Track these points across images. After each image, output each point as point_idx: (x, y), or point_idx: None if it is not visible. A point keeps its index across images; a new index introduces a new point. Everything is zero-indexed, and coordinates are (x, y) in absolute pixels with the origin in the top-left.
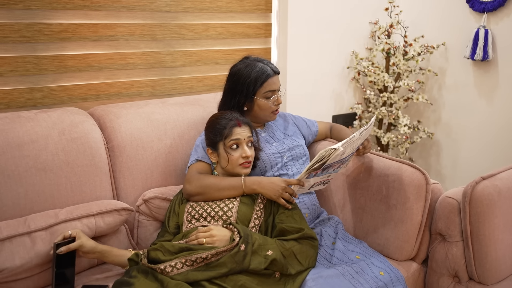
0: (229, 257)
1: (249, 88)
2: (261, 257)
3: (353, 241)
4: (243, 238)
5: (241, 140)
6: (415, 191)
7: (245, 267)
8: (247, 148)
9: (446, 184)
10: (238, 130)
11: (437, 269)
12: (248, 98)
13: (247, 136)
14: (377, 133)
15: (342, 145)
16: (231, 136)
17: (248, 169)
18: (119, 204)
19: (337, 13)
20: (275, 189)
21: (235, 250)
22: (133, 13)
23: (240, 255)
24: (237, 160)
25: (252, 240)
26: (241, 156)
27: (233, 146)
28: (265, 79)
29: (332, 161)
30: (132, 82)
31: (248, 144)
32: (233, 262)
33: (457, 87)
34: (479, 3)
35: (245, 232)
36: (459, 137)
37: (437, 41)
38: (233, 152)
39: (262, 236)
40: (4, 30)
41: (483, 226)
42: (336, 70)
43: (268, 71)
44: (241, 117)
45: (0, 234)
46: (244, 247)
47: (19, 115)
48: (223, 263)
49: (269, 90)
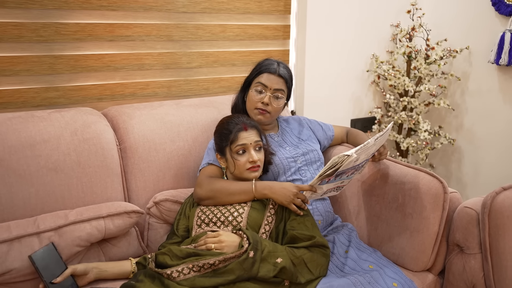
0: (237, 264)
1: (250, 76)
2: (270, 265)
3: (366, 249)
4: (252, 244)
5: (247, 145)
6: (432, 200)
7: (254, 274)
8: (254, 153)
9: (467, 192)
10: (244, 134)
11: (454, 281)
12: (247, 89)
13: (254, 140)
14: (397, 138)
15: (356, 152)
16: (237, 141)
17: (257, 172)
18: (129, 207)
19: (357, 15)
20: (287, 195)
21: (244, 257)
22: (150, 14)
23: (248, 262)
24: (244, 165)
25: (262, 247)
26: (248, 161)
27: (240, 151)
28: (263, 71)
29: (345, 167)
30: (148, 82)
31: (256, 148)
32: (241, 269)
33: (481, 93)
34: (506, 6)
35: (254, 238)
36: (481, 144)
37: (460, 45)
38: (240, 157)
39: (272, 243)
40: (21, 30)
41: (503, 238)
42: (355, 73)
43: (272, 67)
44: (247, 121)
45: (9, 234)
46: (253, 254)
47: (32, 114)
48: (231, 270)
49: (261, 82)
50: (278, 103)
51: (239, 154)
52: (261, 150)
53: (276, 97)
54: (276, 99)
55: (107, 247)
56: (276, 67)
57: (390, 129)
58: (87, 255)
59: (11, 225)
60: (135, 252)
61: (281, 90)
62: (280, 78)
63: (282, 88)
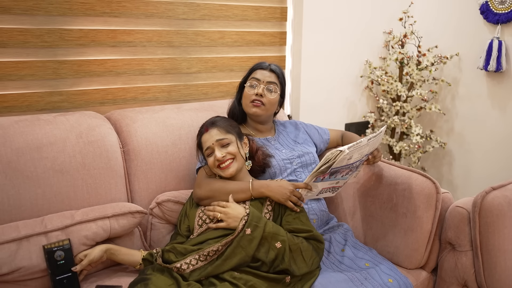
0: (235, 242)
1: (245, 76)
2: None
3: (362, 248)
4: (249, 221)
5: (211, 147)
6: (425, 200)
7: (251, 251)
8: (218, 151)
9: (458, 194)
10: (205, 137)
11: (446, 278)
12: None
13: (215, 140)
14: (390, 142)
15: (348, 148)
16: (203, 145)
17: (230, 169)
18: (133, 207)
19: (351, 23)
20: (283, 192)
21: (240, 235)
22: (151, 20)
23: (245, 239)
24: (213, 165)
25: (263, 224)
26: (216, 159)
27: (210, 154)
28: (256, 68)
29: (338, 164)
30: (149, 87)
31: (222, 146)
32: (239, 247)
33: (470, 98)
34: (493, 15)
35: (254, 215)
36: (471, 148)
37: (451, 51)
38: (209, 158)
39: (276, 225)
40: (26, 35)
41: (493, 236)
42: (349, 78)
43: (264, 64)
44: (210, 120)
45: (18, 233)
46: (251, 231)
47: (38, 117)
48: (232, 251)
49: (254, 77)
50: (272, 96)
51: (209, 156)
52: (229, 145)
53: (269, 90)
54: (270, 92)
55: None
56: (268, 64)
57: (383, 133)
58: None
59: (19, 225)
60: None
61: (274, 83)
62: (272, 72)
63: (274, 81)
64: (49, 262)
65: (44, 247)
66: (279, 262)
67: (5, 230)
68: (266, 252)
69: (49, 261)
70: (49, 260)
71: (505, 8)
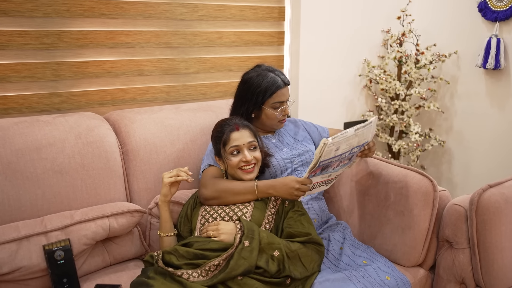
0: (236, 254)
1: (258, 97)
2: (267, 256)
3: (360, 246)
4: (246, 234)
5: (240, 146)
6: (422, 198)
7: (254, 261)
8: (248, 153)
9: (457, 192)
10: (236, 135)
11: (444, 275)
12: (257, 106)
13: (247, 141)
14: (389, 140)
15: (333, 139)
16: (230, 142)
17: (252, 174)
18: (132, 206)
19: (349, 22)
20: (289, 191)
21: (240, 247)
22: (149, 21)
23: (246, 251)
24: (237, 165)
25: (259, 236)
26: (242, 160)
27: (234, 152)
28: (274, 90)
29: (326, 157)
30: (147, 88)
31: (250, 148)
32: (241, 258)
33: (469, 96)
34: (492, 12)
35: (249, 227)
36: (470, 145)
37: (449, 49)
38: (233, 158)
39: (270, 234)
40: (25, 37)
41: (490, 233)
42: (348, 77)
43: (279, 82)
44: (240, 121)
45: (18, 233)
46: (249, 243)
47: (37, 119)
48: (235, 263)
49: (278, 101)
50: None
51: (234, 155)
52: (256, 149)
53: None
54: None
55: (111, 246)
56: (280, 81)
57: (375, 123)
58: (92, 253)
59: (19, 225)
60: (137, 251)
61: None
62: (287, 86)
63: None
64: (49, 262)
65: (44, 247)
66: (281, 271)
67: (5, 230)
68: (267, 262)
69: (49, 261)
70: (49, 260)
71: (503, 5)
